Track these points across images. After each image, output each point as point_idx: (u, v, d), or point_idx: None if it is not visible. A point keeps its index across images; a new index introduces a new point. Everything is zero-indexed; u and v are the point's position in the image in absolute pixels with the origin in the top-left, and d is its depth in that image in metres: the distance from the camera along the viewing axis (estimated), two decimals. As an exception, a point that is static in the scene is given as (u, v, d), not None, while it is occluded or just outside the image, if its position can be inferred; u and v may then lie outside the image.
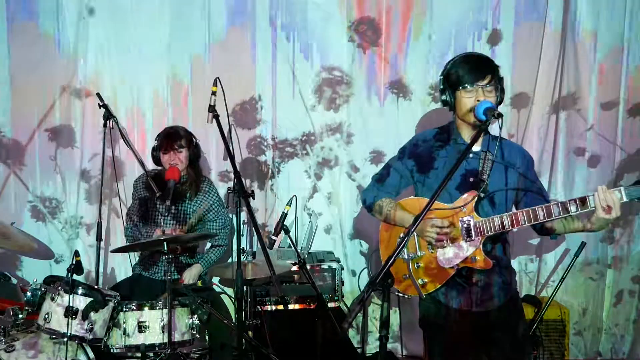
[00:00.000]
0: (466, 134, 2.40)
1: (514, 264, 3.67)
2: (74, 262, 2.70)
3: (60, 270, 3.77)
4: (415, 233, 2.37)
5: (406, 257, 2.39)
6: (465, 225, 2.31)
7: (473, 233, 2.30)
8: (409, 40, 3.88)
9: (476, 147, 2.39)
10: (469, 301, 2.38)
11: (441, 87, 2.39)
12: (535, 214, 2.21)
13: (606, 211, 2.12)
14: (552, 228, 2.40)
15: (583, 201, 2.16)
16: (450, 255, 2.33)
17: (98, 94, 3.49)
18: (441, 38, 3.85)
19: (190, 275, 3.34)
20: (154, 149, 3.41)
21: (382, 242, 2.55)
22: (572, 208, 2.17)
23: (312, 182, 3.99)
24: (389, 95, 3.92)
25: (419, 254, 2.39)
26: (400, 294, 2.44)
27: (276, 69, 3.89)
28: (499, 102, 2.35)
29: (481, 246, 2.31)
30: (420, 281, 2.38)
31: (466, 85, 2.29)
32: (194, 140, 3.42)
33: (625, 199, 2.13)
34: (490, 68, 2.32)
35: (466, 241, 2.32)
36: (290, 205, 3.12)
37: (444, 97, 2.38)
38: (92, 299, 2.72)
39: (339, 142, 3.96)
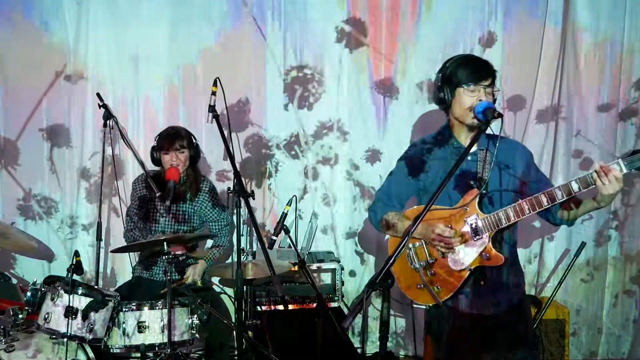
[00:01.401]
0: (462, 135, 2.38)
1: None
2: (74, 262, 2.69)
3: (55, 270, 3.78)
4: (423, 241, 2.36)
5: (417, 266, 2.36)
6: (472, 225, 2.28)
7: (480, 231, 2.28)
8: (399, 40, 3.86)
9: (472, 148, 2.38)
10: (477, 304, 2.35)
11: (439, 84, 2.35)
12: (538, 200, 2.18)
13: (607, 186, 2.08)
14: (562, 217, 2.37)
15: (584, 181, 2.12)
16: (462, 257, 2.29)
17: (98, 94, 3.49)
18: (433, 39, 3.83)
19: (194, 272, 3.33)
20: (153, 149, 3.39)
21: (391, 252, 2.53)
22: (574, 188, 2.13)
23: (304, 183, 3.97)
24: (377, 95, 3.90)
25: (429, 261, 2.35)
26: (421, 306, 2.41)
27: (266, 69, 3.88)
28: None
29: (490, 242, 2.27)
30: (435, 288, 2.34)
31: (469, 83, 2.27)
32: (194, 140, 3.42)
33: (625, 170, 2.09)
34: (491, 71, 2.33)
35: (475, 240, 2.28)
36: (290, 205, 3.12)
37: (441, 94, 2.34)
38: (92, 299, 2.72)
39: (333, 142, 3.95)
